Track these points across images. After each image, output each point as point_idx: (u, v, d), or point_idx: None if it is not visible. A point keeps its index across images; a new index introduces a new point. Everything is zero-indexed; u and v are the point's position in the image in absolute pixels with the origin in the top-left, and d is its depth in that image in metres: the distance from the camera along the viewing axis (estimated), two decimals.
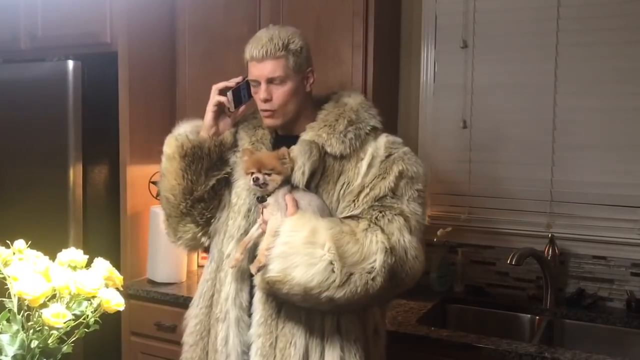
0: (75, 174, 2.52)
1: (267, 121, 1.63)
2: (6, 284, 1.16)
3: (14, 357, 1.12)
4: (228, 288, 1.60)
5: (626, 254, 2.31)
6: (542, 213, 2.43)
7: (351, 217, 1.52)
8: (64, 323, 1.13)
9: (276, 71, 1.56)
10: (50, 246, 1.33)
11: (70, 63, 2.49)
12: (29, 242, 1.27)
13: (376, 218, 1.50)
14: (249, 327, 1.57)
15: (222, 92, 1.68)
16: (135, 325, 2.54)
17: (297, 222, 1.44)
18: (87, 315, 1.18)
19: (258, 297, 1.55)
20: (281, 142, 1.64)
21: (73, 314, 1.16)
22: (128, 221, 2.58)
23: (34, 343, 1.15)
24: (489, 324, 2.35)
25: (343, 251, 1.41)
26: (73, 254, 1.27)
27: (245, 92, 1.68)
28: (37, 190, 2.61)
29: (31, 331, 1.15)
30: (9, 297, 1.16)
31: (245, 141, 1.69)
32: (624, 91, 2.29)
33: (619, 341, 2.18)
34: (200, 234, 1.72)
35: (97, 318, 1.20)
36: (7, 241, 1.26)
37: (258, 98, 1.61)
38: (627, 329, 2.19)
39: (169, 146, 1.69)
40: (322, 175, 1.57)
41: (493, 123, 2.51)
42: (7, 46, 2.79)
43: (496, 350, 1.90)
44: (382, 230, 1.47)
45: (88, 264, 1.28)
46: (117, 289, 1.25)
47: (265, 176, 1.51)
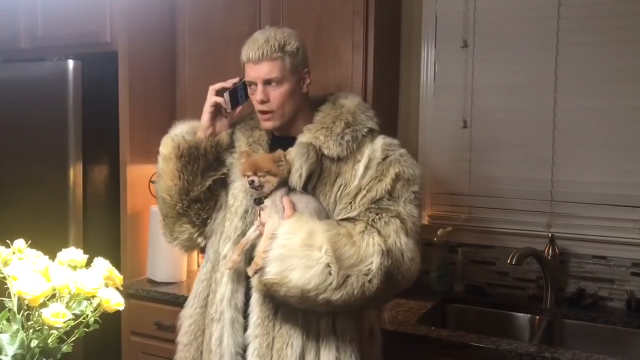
0: (75, 174, 2.52)
1: (265, 124, 1.63)
2: (6, 284, 1.16)
3: (14, 357, 1.13)
4: (224, 289, 1.61)
5: (626, 254, 2.31)
6: (542, 213, 2.43)
7: (348, 220, 1.52)
8: (64, 322, 1.13)
9: (272, 72, 1.56)
10: (50, 246, 1.33)
11: (70, 62, 2.49)
12: (29, 242, 1.27)
13: (373, 220, 1.50)
14: (244, 328, 1.58)
15: (219, 93, 1.68)
16: (135, 324, 2.54)
17: (295, 225, 1.45)
18: (87, 314, 1.18)
19: (255, 298, 1.56)
20: (278, 144, 1.64)
21: (73, 314, 1.17)
22: (128, 221, 2.58)
23: (34, 342, 1.15)
24: (489, 324, 2.35)
25: (340, 254, 1.42)
26: (73, 254, 1.27)
27: (242, 93, 1.68)
28: (37, 189, 2.61)
29: (31, 331, 1.15)
30: (9, 297, 1.16)
31: (242, 142, 1.69)
32: (625, 91, 2.29)
33: (619, 341, 2.18)
34: (196, 235, 1.72)
35: (97, 317, 1.20)
36: (7, 240, 1.26)
37: (255, 99, 1.61)
38: (628, 329, 2.19)
39: (165, 147, 1.69)
40: (320, 177, 1.57)
41: (493, 123, 2.51)
42: (7, 46, 2.79)
43: (496, 350, 1.89)
44: (379, 232, 1.48)
45: (88, 264, 1.28)
46: (117, 289, 1.25)
47: (260, 179, 1.52)
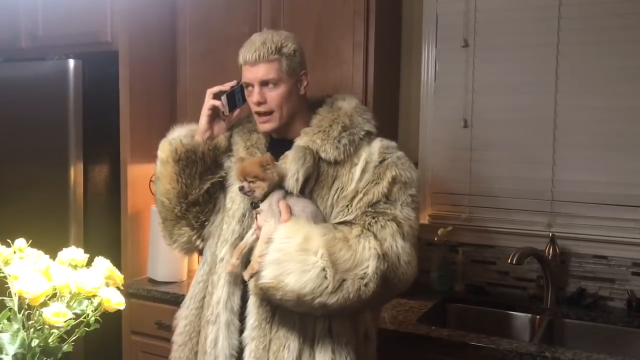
0: (75, 173, 2.52)
1: (263, 126, 1.63)
2: (7, 283, 1.16)
3: (15, 356, 1.13)
4: (220, 291, 1.61)
5: (627, 254, 2.30)
6: (543, 212, 2.43)
7: (344, 223, 1.52)
8: (65, 322, 1.13)
9: (269, 74, 1.57)
10: (50, 245, 1.33)
11: (70, 62, 2.49)
12: (30, 241, 1.27)
13: (369, 224, 1.50)
14: (239, 331, 1.58)
15: (217, 96, 1.68)
16: (135, 324, 2.54)
17: (291, 229, 1.45)
18: (88, 314, 1.18)
19: (252, 301, 1.56)
20: (276, 146, 1.65)
21: (74, 313, 1.17)
22: (128, 220, 2.59)
23: (35, 342, 1.15)
24: (490, 324, 2.34)
25: (336, 258, 1.42)
26: (74, 253, 1.27)
27: (239, 96, 1.68)
28: (38, 189, 2.61)
29: (32, 330, 1.15)
30: (10, 296, 1.16)
31: (239, 145, 1.69)
32: (625, 90, 2.29)
33: (620, 340, 2.18)
34: (195, 237, 1.73)
35: (98, 317, 1.20)
36: (8, 240, 1.26)
37: (251, 101, 1.61)
38: (628, 329, 2.19)
39: (163, 150, 1.69)
40: (317, 181, 1.57)
41: (494, 122, 2.51)
42: (8, 45, 2.79)
43: (497, 349, 1.90)
44: (375, 236, 1.48)
45: (88, 263, 1.28)
46: (118, 288, 1.25)
47: (250, 184, 1.52)
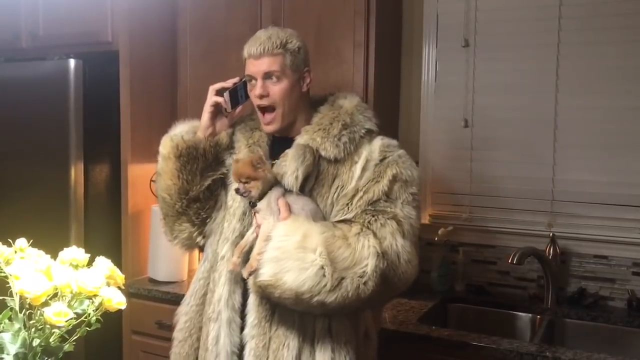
0: (76, 173, 2.52)
1: (267, 128, 1.63)
2: (8, 283, 1.16)
3: (16, 356, 1.13)
4: (221, 289, 1.61)
5: (627, 254, 2.31)
6: (543, 212, 2.43)
7: (344, 221, 1.52)
8: (66, 322, 1.13)
9: (273, 66, 1.56)
10: (51, 245, 1.33)
11: (71, 62, 2.49)
12: (30, 241, 1.27)
13: (369, 222, 1.49)
14: (240, 328, 1.58)
15: (219, 93, 1.68)
16: (136, 324, 2.54)
17: (290, 227, 1.45)
18: (89, 313, 1.19)
19: (252, 299, 1.56)
20: (278, 144, 1.65)
21: (75, 313, 1.17)
22: (129, 220, 2.59)
23: (36, 341, 1.15)
24: (490, 323, 2.34)
25: (334, 256, 1.41)
26: (74, 253, 1.28)
27: (242, 93, 1.68)
28: (38, 189, 2.61)
29: (33, 330, 1.16)
30: (11, 296, 1.16)
31: (241, 143, 1.69)
32: (626, 90, 2.29)
33: (620, 340, 2.18)
34: (196, 234, 1.73)
35: (99, 317, 1.20)
36: (9, 240, 1.26)
37: (254, 94, 1.61)
38: (628, 329, 2.19)
39: (165, 146, 1.70)
40: (317, 179, 1.57)
41: (494, 122, 2.51)
42: (8, 45, 2.79)
43: (497, 349, 1.90)
44: (375, 234, 1.47)
45: (89, 263, 1.28)
46: (119, 288, 1.25)
47: (245, 185, 1.53)
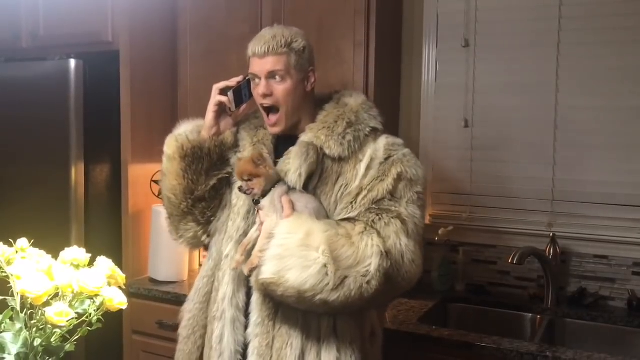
0: (77, 173, 2.52)
1: (272, 129, 1.63)
2: (9, 283, 1.17)
3: (17, 356, 1.13)
4: (225, 288, 1.61)
5: (627, 253, 2.31)
6: (544, 212, 2.43)
7: (348, 220, 1.51)
8: (67, 321, 1.13)
9: (277, 65, 1.56)
10: (52, 245, 1.33)
11: (71, 62, 2.49)
12: (31, 241, 1.27)
13: (373, 221, 1.48)
14: (245, 327, 1.58)
15: (223, 92, 1.67)
16: (136, 323, 2.55)
17: (293, 225, 1.44)
18: (90, 313, 1.19)
19: (256, 298, 1.55)
20: (282, 143, 1.64)
21: (76, 313, 1.17)
22: (129, 220, 2.59)
23: (37, 341, 1.15)
24: (490, 323, 2.35)
25: (338, 254, 1.40)
26: (76, 253, 1.27)
27: (246, 92, 1.68)
28: (39, 189, 2.61)
29: (34, 329, 1.16)
30: (12, 296, 1.16)
31: (246, 141, 1.68)
32: (626, 90, 2.29)
33: (620, 340, 2.18)
34: (201, 233, 1.73)
35: (100, 316, 1.20)
36: (10, 240, 1.26)
37: (257, 93, 1.60)
38: (629, 328, 2.19)
39: (169, 147, 1.69)
40: (321, 177, 1.56)
41: (495, 122, 2.51)
42: (9, 45, 2.79)
43: (497, 349, 1.90)
44: (379, 233, 1.46)
45: (90, 263, 1.28)
46: (120, 288, 1.25)
47: (247, 183, 1.52)
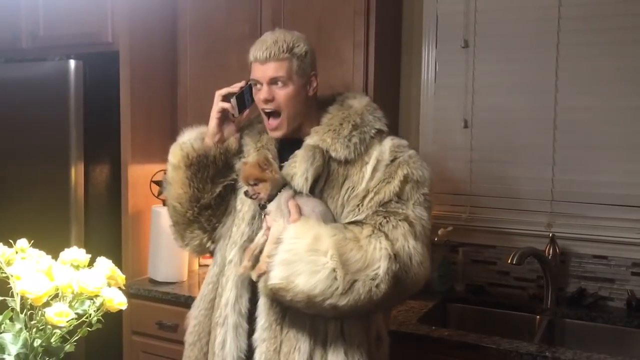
0: (76, 173, 2.52)
1: (273, 134, 1.61)
2: (9, 283, 1.17)
3: (17, 356, 1.13)
4: (228, 294, 1.60)
5: (627, 254, 2.31)
6: (543, 212, 2.43)
7: (355, 223, 1.50)
8: (67, 322, 1.13)
9: (279, 71, 1.55)
10: (51, 245, 1.33)
11: (71, 62, 2.49)
12: (31, 242, 1.27)
13: (380, 224, 1.47)
14: (247, 333, 1.58)
15: (226, 98, 1.66)
16: (136, 324, 2.55)
17: (300, 229, 1.43)
18: (90, 314, 1.19)
19: (262, 303, 1.54)
20: (286, 146, 1.63)
21: (76, 313, 1.17)
22: (129, 220, 2.59)
23: (37, 342, 1.15)
24: (490, 324, 2.35)
25: (346, 258, 1.39)
26: (75, 253, 1.28)
27: (248, 97, 1.67)
28: (39, 189, 2.61)
29: (34, 330, 1.16)
30: (12, 296, 1.16)
31: (250, 147, 1.68)
32: (625, 90, 2.29)
33: (620, 341, 2.18)
34: (207, 240, 1.72)
35: (100, 317, 1.20)
36: (10, 240, 1.26)
37: (259, 98, 1.59)
38: (628, 329, 2.19)
39: (174, 156, 1.67)
40: (327, 180, 1.55)
41: (494, 122, 2.51)
42: (9, 45, 2.79)
43: (497, 349, 1.90)
44: (386, 236, 1.45)
45: (90, 263, 1.28)
46: (119, 288, 1.25)
47: (253, 187, 1.52)
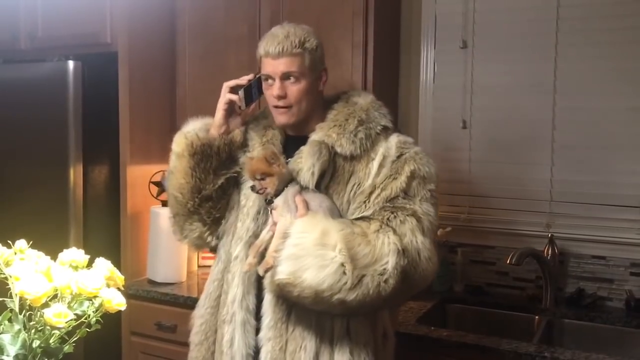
0: (75, 174, 2.52)
1: (280, 118, 1.59)
2: (8, 284, 1.17)
3: (16, 357, 1.13)
4: (235, 290, 1.59)
5: (625, 254, 2.31)
6: (542, 213, 2.44)
7: (362, 219, 1.49)
8: (66, 323, 1.13)
9: (292, 67, 1.53)
10: (50, 246, 1.33)
11: (70, 63, 2.50)
12: (30, 242, 1.27)
13: (388, 219, 1.46)
14: (255, 330, 1.56)
15: (233, 90, 1.65)
16: (135, 325, 2.55)
17: (308, 224, 1.42)
18: (89, 315, 1.19)
19: (268, 300, 1.53)
20: (291, 143, 1.62)
21: (75, 314, 1.17)
22: (128, 221, 2.59)
23: (36, 343, 1.15)
24: (489, 324, 2.35)
25: (354, 253, 1.38)
26: (74, 254, 1.27)
27: (256, 90, 1.65)
28: (38, 190, 2.61)
29: (33, 331, 1.16)
30: (11, 297, 1.16)
31: (255, 141, 1.66)
32: (623, 91, 2.29)
33: (618, 341, 2.19)
34: (207, 234, 1.71)
35: (99, 318, 1.20)
36: (9, 241, 1.26)
37: (271, 94, 1.57)
38: (627, 329, 2.20)
39: (178, 144, 1.66)
40: (333, 176, 1.55)
41: (493, 123, 2.51)
42: (7, 46, 2.79)
43: (496, 349, 1.90)
44: (394, 231, 1.44)
45: (88, 264, 1.28)
46: (118, 289, 1.25)
47: (260, 182, 1.51)
